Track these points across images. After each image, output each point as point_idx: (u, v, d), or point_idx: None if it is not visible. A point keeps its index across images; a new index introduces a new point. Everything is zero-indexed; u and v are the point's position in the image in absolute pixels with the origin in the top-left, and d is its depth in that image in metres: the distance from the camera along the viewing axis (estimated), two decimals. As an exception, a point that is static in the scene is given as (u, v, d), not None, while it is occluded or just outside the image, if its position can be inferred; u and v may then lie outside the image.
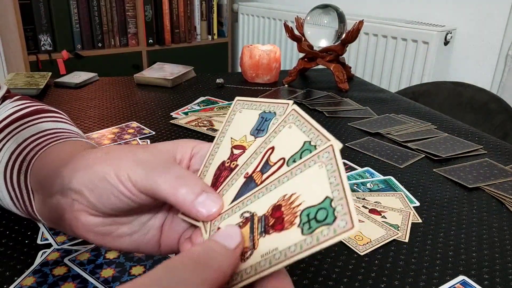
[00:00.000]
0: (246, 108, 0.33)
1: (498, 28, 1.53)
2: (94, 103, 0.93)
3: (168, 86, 1.06)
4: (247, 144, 0.31)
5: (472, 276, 0.44)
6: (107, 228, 0.30)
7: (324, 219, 0.22)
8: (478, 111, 1.19)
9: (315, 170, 0.24)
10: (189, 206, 0.27)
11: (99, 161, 0.29)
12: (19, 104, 0.45)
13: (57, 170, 0.32)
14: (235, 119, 0.33)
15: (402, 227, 0.51)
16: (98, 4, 2.14)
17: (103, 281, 0.40)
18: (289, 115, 0.29)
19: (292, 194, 0.25)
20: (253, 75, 1.11)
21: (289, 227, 0.24)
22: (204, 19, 2.50)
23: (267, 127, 0.31)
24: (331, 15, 1.07)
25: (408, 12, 1.78)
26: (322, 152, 0.25)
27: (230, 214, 0.28)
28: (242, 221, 0.27)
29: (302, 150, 0.27)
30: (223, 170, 0.31)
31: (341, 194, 0.22)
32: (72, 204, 0.30)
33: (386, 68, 1.78)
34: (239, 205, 0.28)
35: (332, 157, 0.24)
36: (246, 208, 0.27)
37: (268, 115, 0.31)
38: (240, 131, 0.32)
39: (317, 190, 0.24)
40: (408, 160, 0.69)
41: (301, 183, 0.25)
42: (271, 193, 0.26)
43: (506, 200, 0.58)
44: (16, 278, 0.40)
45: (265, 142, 0.30)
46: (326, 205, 0.23)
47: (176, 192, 0.27)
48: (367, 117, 0.88)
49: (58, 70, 2.04)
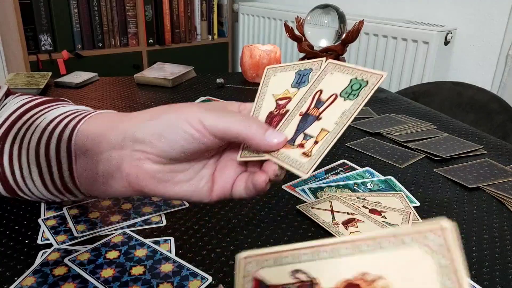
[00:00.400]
0: (280, 71, 0.36)
1: (498, 28, 1.53)
2: (94, 103, 0.93)
3: (168, 86, 1.06)
4: (291, 94, 0.35)
5: (472, 276, 0.44)
6: (166, 175, 0.35)
7: None
8: (478, 111, 1.19)
9: (417, 255, 0.17)
10: (261, 137, 0.32)
11: (167, 111, 0.34)
12: (26, 97, 0.45)
13: (111, 128, 0.36)
14: (271, 82, 0.36)
15: (402, 227, 0.51)
16: (98, 4, 2.14)
17: (103, 281, 0.40)
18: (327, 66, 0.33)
19: (378, 278, 0.18)
20: (254, 75, 1.11)
21: None
22: (204, 19, 2.50)
23: (308, 79, 0.34)
24: (331, 15, 1.07)
25: (408, 12, 1.78)
26: (429, 232, 0.17)
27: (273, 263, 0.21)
28: (294, 283, 0.20)
29: (351, 84, 0.30)
30: (273, 117, 0.35)
31: None
32: (132, 154, 0.34)
33: (386, 68, 1.78)
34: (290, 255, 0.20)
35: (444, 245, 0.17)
36: (300, 266, 0.20)
37: (305, 71, 0.35)
38: (281, 87, 0.35)
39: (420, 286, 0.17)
40: (408, 160, 0.69)
41: (392, 265, 0.18)
42: (341, 260, 0.19)
43: (506, 200, 0.58)
44: (16, 278, 0.40)
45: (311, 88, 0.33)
46: None
47: (248, 127, 0.32)
48: (367, 117, 0.88)
49: (58, 70, 2.04)
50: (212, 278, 0.41)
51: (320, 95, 0.32)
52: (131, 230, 0.48)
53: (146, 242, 0.46)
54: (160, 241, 0.46)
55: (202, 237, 0.47)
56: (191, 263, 0.43)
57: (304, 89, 0.34)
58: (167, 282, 0.40)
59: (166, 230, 0.48)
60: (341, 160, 0.68)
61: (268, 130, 0.33)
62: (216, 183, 0.37)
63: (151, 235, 0.47)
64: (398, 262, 0.17)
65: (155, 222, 0.49)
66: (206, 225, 0.50)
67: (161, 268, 0.42)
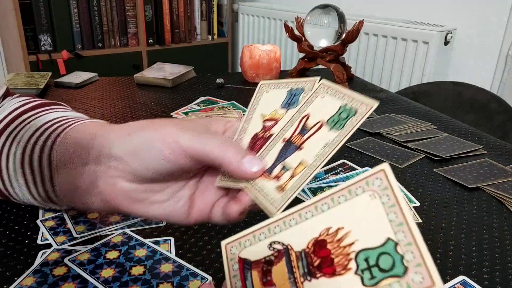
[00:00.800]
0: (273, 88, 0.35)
1: (498, 28, 1.53)
2: (94, 103, 0.93)
3: (168, 86, 1.06)
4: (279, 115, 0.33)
5: (472, 276, 0.44)
6: (142, 195, 0.33)
7: (391, 269, 0.18)
8: (478, 111, 1.19)
9: (366, 200, 0.20)
10: (238, 164, 0.30)
11: (143, 128, 0.32)
12: (23, 99, 0.45)
13: (91, 141, 0.34)
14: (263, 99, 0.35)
15: (402, 227, 0.51)
16: (98, 4, 2.13)
17: (103, 281, 0.40)
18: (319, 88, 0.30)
19: (338, 229, 0.21)
20: (253, 75, 1.11)
21: (343, 272, 0.20)
22: (204, 19, 2.50)
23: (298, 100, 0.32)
24: (331, 15, 1.07)
25: (408, 12, 1.78)
26: (371, 177, 0.20)
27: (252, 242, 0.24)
28: (273, 254, 0.23)
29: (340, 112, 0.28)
30: (257, 140, 0.33)
31: (408, 237, 0.18)
32: (107, 171, 0.32)
33: (386, 68, 1.78)
34: (264, 232, 0.24)
35: (386, 186, 0.20)
36: (274, 237, 0.23)
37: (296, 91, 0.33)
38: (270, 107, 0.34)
39: (373, 228, 0.20)
40: (408, 160, 0.69)
41: (348, 215, 0.21)
42: (307, 223, 0.22)
43: (506, 200, 0.58)
44: (16, 278, 0.40)
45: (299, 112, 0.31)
46: (390, 249, 0.19)
47: (225, 152, 0.30)
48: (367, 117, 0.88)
49: (58, 70, 2.04)
50: (212, 278, 0.41)
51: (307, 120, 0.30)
52: (131, 230, 0.48)
53: (146, 242, 0.46)
54: (160, 241, 0.46)
55: (202, 237, 0.47)
56: (191, 263, 0.43)
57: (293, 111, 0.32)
58: (167, 282, 0.40)
59: (166, 230, 0.48)
60: (341, 160, 0.68)
61: (246, 157, 0.30)
62: (194, 206, 0.35)
63: (151, 235, 0.47)
64: (352, 211, 0.21)
65: (155, 222, 0.49)
66: (206, 225, 0.49)
67: (161, 268, 0.42)
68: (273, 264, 0.23)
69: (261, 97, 0.35)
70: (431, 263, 0.18)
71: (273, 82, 0.35)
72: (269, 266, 0.23)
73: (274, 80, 0.35)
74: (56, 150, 0.36)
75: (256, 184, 0.30)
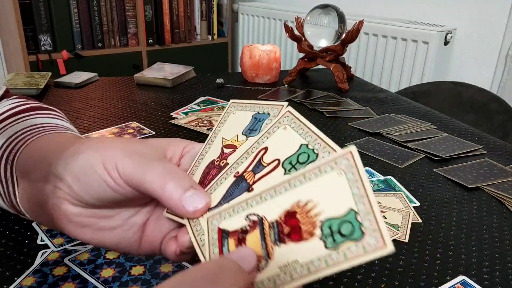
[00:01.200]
0: (240, 110, 0.32)
1: (498, 28, 1.53)
2: (94, 103, 0.93)
3: (168, 86, 1.06)
4: (238, 143, 0.30)
5: (472, 276, 0.44)
6: (87, 220, 0.29)
7: (351, 234, 0.21)
8: (478, 111, 1.19)
9: (333, 177, 0.23)
10: (176, 201, 0.27)
11: (88, 150, 0.29)
12: (15, 102, 0.45)
13: (44, 157, 0.32)
14: (228, 121, 0.32)
15: (402, 227, 0.51)
16: (98, 4, 2.14)
17: (103, 281, 0.40)
18: (283, 117, 0.28)
19: (308, 202, 0.23)
20: (253, 75, 1.11)
21: (309, 238, 0.22)
22: (204, 19, 2.50)
23: (260, 127, 0.30)
24: (331, 15, 1.07)
25: (408, 12, 1.78)
26: (340, 158, 0.23)
27: (232, 214, 0.26)
28: (248, 224, 0.25)
29: (299, 153, 0.26)
30: (211, 168, 0.30)
31: (367, 208, 0.21)
32: (54, 191, 0.29)
33: (386, 68, 1.78)
34: (242, 205, 0.26)
35: (352, 165, 0.22)
36: (251, 210, 0.25)
37: (261, 116, 0.31)
38: (232, 131, 0.31)
39: (338, 200, 0.22)
40: (408, 160, 0.69)
41: (317, 190, 0.23)
42: (281, 197, 0.24)
43: (506, 200, 0.58)
44: (16, 278, 0.40)
45: (258, 142, 0.28)
46: (351, 218, 0.21)
47: (164, 185, 0.27)
48: (367, 117, 0.88)
49: (58, 70, 2.04)
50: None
51: (264, 154, 0.28)
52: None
53: (146, 242, 0.45)
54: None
55: (202, 237, 0.47)
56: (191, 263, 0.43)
57: (252, 140, 0.29)
58: (167, 282, 0.40)
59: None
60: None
61: (188, 192, 0.27)
62: (145, 235, 0.31)
63: (151, 235, 0.47)
64: (321, 186, 0.23)
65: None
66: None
67: (161, 268, 0.42)
68: (248, 233, 0.25)
69: (227, 118, 0.33)
70: (384, 229, 0.20)
71: (243, 102, 0.33)
72: (244, 234, 0.25)
73: (245, 100, 0.32)
74: (17, 161, 0.35)
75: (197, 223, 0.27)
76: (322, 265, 0.21)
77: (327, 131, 0.81)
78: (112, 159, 0.27)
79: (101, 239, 0.30)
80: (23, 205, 0.34)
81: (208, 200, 0.28)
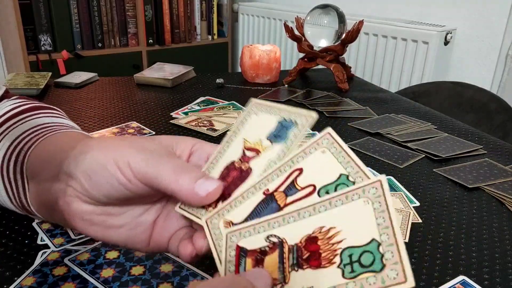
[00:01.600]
0: (263, 111, 0.31)
1: (498, 28, 1.53)
2: (94, 103, 0.93)
3: (168, 86, 1.06)
4: (262, 147, 0.29)
5: (472, 276, 0.44)
6: (98, 218, 0.30)
7: (370, 265, 0.21)
8: (478, 111, 1.19)
9: (360, 206, 0.22)
10: (189, 190, 0.27)
11: (99, 148, 0.29)
12: (16, 102, 0.45)
13: (54, 156, 0.32)
14: (250, 121, 0.31)
15: (402, 227, 0.51)
16: (98, 4, 2.14)
17: (103, 281, 0.40)
18: (323, 139, 0.26)
19: (330, 228, 0.23)
20: (253, 75, 1.11)
21: (327, 265, 0.22)
22: (204, 19, 2.50)
23: (286, 135, 0.28)
24: (331, 15, 1.07)
25: (408, 12, 1.78)
26: (368, 186, 0.22)
27: (251, 233, 0.26)
28: (268, 246, 0.25)
29: (338, 183, 0.25)
30: (232, 169, 0.29)
31: (391, 239, 0.20)
32: (65, 190, 0.30)
33: (386, 68, 1.78)
34: (264, 225, 0.25)
35: (380, 195, 0.22)
36: (273, 231, 0.25)
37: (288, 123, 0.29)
38: (255, 134, 0.30)
39: (361, 229, 0.22)
40: (408, 160, 0.69)
41: (341, 217, 0.23)
42: (304, 221, 0.24)
43: (506, 200, 0.58)
44: (16, 278, 0.40)
45: (292, 161, 0.27)
46: (373, 248, 0.21)
47: (178, 179, 0.27)
48: (367, 117, 0.88)
49: (58, 70, 2.04)
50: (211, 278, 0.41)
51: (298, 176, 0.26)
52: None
53: (146, 242, 0.45)
54: (160, 241, 0.46)
55: (202, 237, 0.47)
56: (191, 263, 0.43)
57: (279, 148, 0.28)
58: (167, 282, 0.40)
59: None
60: (341, 160, 0.68)
61: (199, 180, 0.27)
62: (154, 233, 0.32)
63: (151, 235, 0.47)
64: (346, 213, 0.22)
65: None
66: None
67: (161, 268, 0.42)
68: (267, 254, 0.24)
69: (248, 118, 0.31)
70: (407, 262, 0.19)
71: (265, 104, 0.31)
72: (263, 255, 0.25)
73: (267, 102, 0.31)
74: (27, 162, 0.35)
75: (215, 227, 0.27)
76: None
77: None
78: (125, 157, 0.28)
79: (111, 236, 0.31)
80: (34, 205, 0.35)
81: (219, 184, 0.28)
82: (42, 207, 0.34)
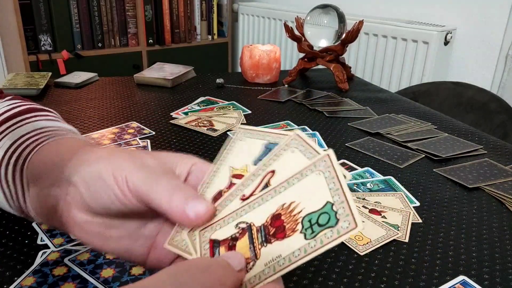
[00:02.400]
0: (248, 137, 0.31)
1: (498, 28, 1.53)
2: (94, 103, 0.93)
3: (168, 86, 1.06)
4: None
5: (472, 276, 0.44)
6: (95, 228, 0.30)
7: (327, 223, 0.23)
8: (478, 111, 1.19)
9: (313, 178, 0.25)
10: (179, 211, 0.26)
11: (100, 159, 0.29)
12: (11, 103, 0.45)
13: (57, 162, 0.32)
14: (236, 147, 0.31)
15: (402, 227, 0.51)
16: (98, 4, 2.14)
17: (103, 281, 0.40)
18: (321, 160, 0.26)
19: (291, 203, 0.25)
20: (253, 75, 1.11)
21: (291, 234, 0.24)
22: (204, 19, 2.50)
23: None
24: (331, 15, 1.07)
25: (408, 12, 1.78)
26: (319, 161, 0.25)
27: (222, 225, 0.27)
28: (238, 232, 0.26)
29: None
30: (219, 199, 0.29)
31: (341, 197, 0.23)
32: (66, 197, 0.30)
33: (386, 68, 1.78)
34: (232, 216, 0.27)
35: (329, 165, 0.24)
36: (241, 219, 0.27)
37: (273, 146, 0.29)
38: (242, 160, 0.30)
39: (317, 196, 0.24)
40: (408, 160, 0.69)
41: (299, 191, 0.25)
42: (268, 203, 0.26)
43: (506, 200, 0.58)
44: (16, 278, 0.40)
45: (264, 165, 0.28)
46: (328, 209, 0.23)
47: (171, 200, 0.26)
48: (367, 117, 0.88)
49: (58, 70, 2.04)
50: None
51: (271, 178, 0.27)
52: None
53: (146, 242, 0.45)
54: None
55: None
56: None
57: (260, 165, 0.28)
58: (167, 282, 0.40)
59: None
60: (341, 160, 0.68)
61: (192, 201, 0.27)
62: (154, 248, 0.31)
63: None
64: (302, 188, 0.25)
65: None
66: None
67: (161, 268, 0.42)
68: (238, 240, 0.26)
69: (234, 145, 0.31)
70: (356, 212, 0.22)
71: (251, 129, 0.31)
72: (234, 241, 0.26)
73: (253, 127, 0.31)
74: (27, 168, 0.35)
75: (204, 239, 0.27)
76: (301, 254, 0.23)
77: (327, 131, 0.81)
78: (123, 171, 0.27)
79: (110, 247, 0.30)
80: (35, 208, 0.35)
81: (209, 206, 0.27)
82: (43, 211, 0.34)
